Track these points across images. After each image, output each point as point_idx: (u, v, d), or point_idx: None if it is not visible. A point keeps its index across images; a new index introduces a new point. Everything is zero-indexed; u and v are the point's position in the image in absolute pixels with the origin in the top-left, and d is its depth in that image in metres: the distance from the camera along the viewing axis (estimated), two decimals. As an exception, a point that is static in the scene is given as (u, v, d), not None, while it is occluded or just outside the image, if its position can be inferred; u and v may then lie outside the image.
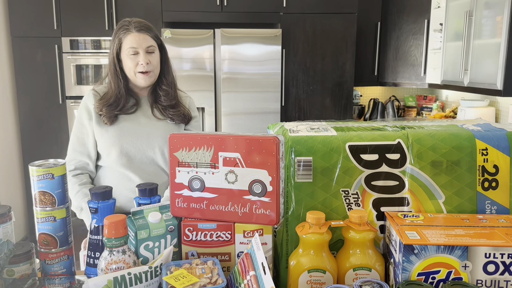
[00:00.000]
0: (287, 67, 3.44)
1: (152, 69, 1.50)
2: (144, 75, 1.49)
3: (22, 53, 3.34)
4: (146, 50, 1.48)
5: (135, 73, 1.49)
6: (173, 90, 1.58)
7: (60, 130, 3.44)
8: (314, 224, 0.85)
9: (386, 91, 4.15)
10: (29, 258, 0.90)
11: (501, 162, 0.91)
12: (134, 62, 1.48)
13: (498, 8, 2.48)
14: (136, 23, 1.50)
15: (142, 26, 1.50)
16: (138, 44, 1.47)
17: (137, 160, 1.50)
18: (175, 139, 0.91)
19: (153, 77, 1.52)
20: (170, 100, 1.55)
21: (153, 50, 1.50)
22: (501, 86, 2.44)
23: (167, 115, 1.55)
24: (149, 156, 1.51)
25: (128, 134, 1.49)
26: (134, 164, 1.50)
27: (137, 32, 1.48)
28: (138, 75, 1.49)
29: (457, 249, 0.77)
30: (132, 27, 1.48)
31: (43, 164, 0.92)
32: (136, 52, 1.47)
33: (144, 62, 1.47)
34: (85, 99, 1.54)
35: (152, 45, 1.50)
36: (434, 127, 0.99)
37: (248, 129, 3.35)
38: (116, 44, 1.50)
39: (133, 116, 1.53)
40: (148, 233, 0.88)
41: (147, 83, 1.51)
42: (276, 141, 0.84)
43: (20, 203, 3.51)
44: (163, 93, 1.55)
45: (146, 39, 1.48)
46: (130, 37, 1.47)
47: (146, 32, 1.49)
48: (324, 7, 3.39)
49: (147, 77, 1.49)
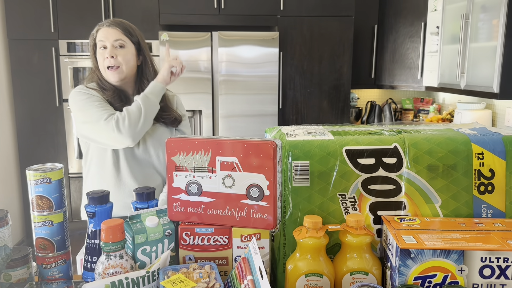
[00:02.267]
0: (284, 70, 3.45)
1: (119, 64, 1.46)
2: (111, 70, 1.46)
3: (19, 56, 3.34)
4: (113, 44, 1.45)
5: (105, 69, 1.47)
6: None
7: (57, 133, 3.44)
8: (311, 228, 0.85)
9: (383, 94, 4.17)
10: (26, 263, 0.90)
11: (497, 166, 0.91)
12: (103, 57, 1.46)
13: (494, 11, 2.49)
14: (111, 20, 1.50)
15: (114, 22, 1.49)
16: (105, 37, 1.46)
17: (131, 163, 1.50)
18: (173, 144, 0.91)
19: (122, 73, 1.48)
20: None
21: (122, 45, 1.47)
22: (498, 89, 2.46)
23: (158, 119, 1.53)
24: (144, 159, 1.51)
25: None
26: (129, 167, 1.50)
27: (106, 27, 1.47)
28: (107, 71, 1.47)
29: (453, 253, 0.77)
30: (104, 23, 1.48)
31: (40, 169, 0.92)
32: (104, 45, 1.46)
33: (109, 55, 1.44)
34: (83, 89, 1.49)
35: (120, 39, 1.47)
36: (431, 131, 0.99)
37: (246, 132, 3.36)
38: (91, 42, 1.50)
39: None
40: (145, 237, 0.88)
41: (115, 79, 1.48)
42: (274, 145, 0.84)
43: (16, 206, 3.50)
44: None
45: (115, 33, 1.46)
46: (100, 32, 1.48)
47: (115, 27, 1.47)
48: (321, 10, 3.41)
49: (115, 72, 1.46)
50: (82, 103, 1.46)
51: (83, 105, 1.45)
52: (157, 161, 1.52)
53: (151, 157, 1.51)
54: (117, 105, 1.49)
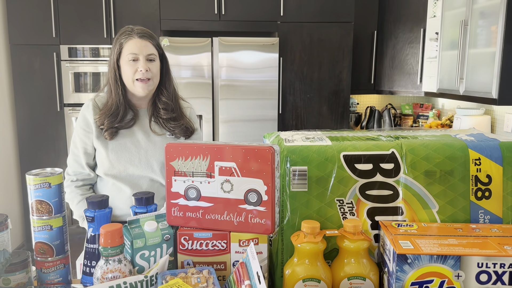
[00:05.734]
0: (284, 75, 3.46)
1: (151, 77, 1.46)
2: (142, 82, 1.44)
3: (21, 61, 3.35)
4: (147, 57, 1.44)
5: (133, 81, 1.44)
6: (174, 102, 1.53)
7: (58, 138, 3.44)
8: (309, 233, 0.86)
9: (382, 99, 4.18)
10: (26, 267, 0.91)
11: (494, 172, 0.92)
12: (133, 68, 1.43)
13: (493, 17, 2.51)
14: (139, 29, 1.47)
15: (145, 33, 1.47)
16: (139, 50, 1.43)
17: (135, 176, 1.48)
18: (172, 149, 0.91)
19: (152, 85, 1.48)
20: (170, 113, 1.51)
21: (154, 59, 1.47)
22: (496, 95, 2.47)
23: (168, 128, 1.50)
24: (147, 175, 1.49)
25: (127, 152, 1.47)
26: (132, 180, 1.48)
27: (139, 38, 1.44)
28: (136, 82, 1.44)
29: (450, 259, 0.77)
30: (134, 33, 1.45)
31: (40, 173, 0.92)
32: (136, 58, 1.43)
33: (143, 69, 1.43)
34: (84, 110, 1.50)
35: (153, 53, 1.46)
36: (428, 137, 1.00)
37: (246, 136, 3.36)
38: (117, 50, 1.46)
39: (131, 132, 1.49)
40: (144, 242, 0.89)
41: (145, 92, 1.46)
42: (272, 150, 0.85)
43: (17, 210, 3.50)
44: (162, 106, 1.51)
45: (148, 46, 1.45)
46: (131, 43, 1.44)
47: (148, 39, 1.46)
48: (321, 16, 3.43)
49: (146, 85, 1.45)
50: (74, 130, 1.53)
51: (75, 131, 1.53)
52: (161, 174, 1.50)
53: (154, 172, 1.48)
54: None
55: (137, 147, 1.48)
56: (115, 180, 1.49)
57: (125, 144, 1.48)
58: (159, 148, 1.50)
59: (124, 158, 1.47)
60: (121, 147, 1.47)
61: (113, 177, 1.49)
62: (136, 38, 1.44)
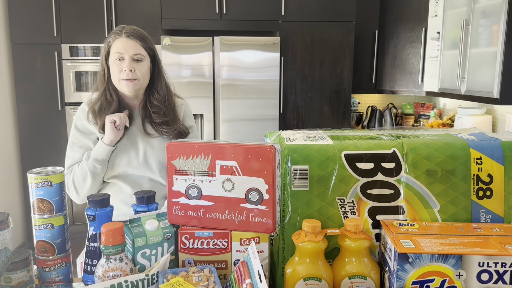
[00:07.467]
0: (285, 75, 3.46)
1: (138, 78, 1.43)
2: (127, 82, 1.42)
3: (22, 60, 3.36)
4: (133, 57, 1.42)
5: (119, 80, 1.43)
6: (166, 106, 1.51)
7: (59, 137, 3.45)
8: (310, 232, 0.86)
9: (384, 99, 4.18)
10: (27, 265, 0.91)
11: (495, 171, 0.92)
12: (119, 68, 1.42)
13: (494, 17, 2.50)
14: (129, 29, 1.45)
15: (133, 33, 1.44)
16: (124, 49, 1.41)
17: (135, 176, 1.49)
18: (173, 147, 0.91)
19: (138, 86, 1.45)
20: (162, 116, 1.49)
21: (141, 59, 1.44)
22: (498, 95, 2.46)
23: (161, 132, 1.49)
24: (147, 175, 1.49)
25: (126, 154, 1.47)
26: (132, 181, 1.49)
27: (126, 38, 1.42)
28: (122, 82, 1.42)
29: (451, 258, 0.77)
30: (123, 32, 1.43)
31: (41, 172, 0.92)
32: (122, 57, 1.41)
33: (127, 69, 1.40)
34: (80, 116, 1.50)
35: (140, 53, 1.43)
36: (429, 136, 1.00)
37: (247, 136, 3.37)
38: (105, 49, 1.45)
39: (128, 133, 1.49)
40: (145, 240, 0.89)
41: (130, 91, 1.44)
42: (273, 149, 0.85)
43: (18, 209, 3.51)
44: (153, 109, 1.49)
45: (134, 46, 1.42)
46: (117, 42, 1.42)
47: (135, 39, 1.43)
48: (322, 15, 3.42)
49: (131, 84, 1.42)
50: (70, 135, 1.53)
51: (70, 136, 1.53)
52: (160, 175, 1.50)
53: (154, 173, 1.49)
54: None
55: (136, 149, 1.49)
56: (115, 180, 1.49)
57: (124, 146, 1.48)
58: (157, 149, 1.50)
59: (123, 160, 1.47)
60: (120, 149, 1.48)
61: (113, 177, 1.49)
62: (123, 38, 1.43)
